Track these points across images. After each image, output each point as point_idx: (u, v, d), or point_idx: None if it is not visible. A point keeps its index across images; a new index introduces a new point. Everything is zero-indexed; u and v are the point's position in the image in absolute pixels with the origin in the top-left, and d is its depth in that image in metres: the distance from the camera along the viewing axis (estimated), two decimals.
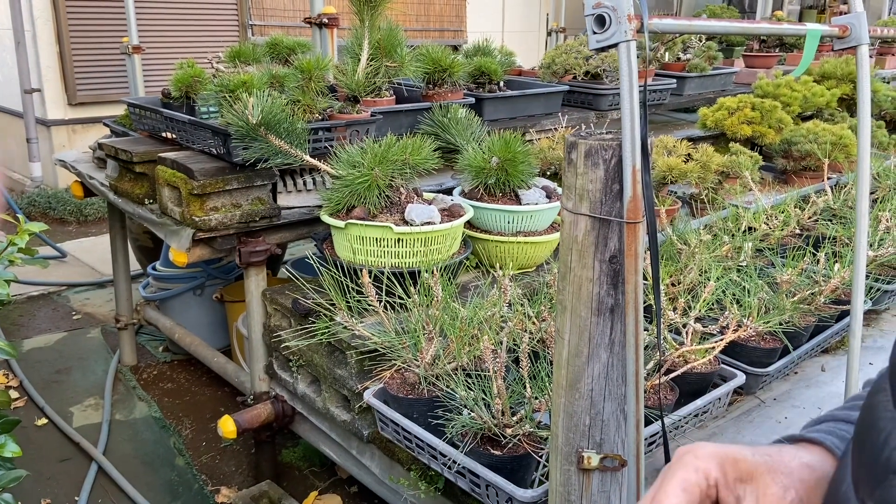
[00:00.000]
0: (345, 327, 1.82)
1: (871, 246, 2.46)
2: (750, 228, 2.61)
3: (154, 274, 3.46)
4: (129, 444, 2.95)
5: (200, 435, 3.00)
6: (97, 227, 5.75)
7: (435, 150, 2.21)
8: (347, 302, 1.75)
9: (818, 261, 2.25)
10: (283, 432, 2.62)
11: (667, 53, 4.03)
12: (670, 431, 1.77)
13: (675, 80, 3.86)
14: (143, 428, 3.06)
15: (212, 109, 2.43)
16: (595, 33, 1.10)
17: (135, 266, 3.82)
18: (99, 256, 4.91)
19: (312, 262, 1.99)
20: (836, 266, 2.25)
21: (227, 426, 2.32)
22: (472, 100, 2.93)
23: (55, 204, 5.88)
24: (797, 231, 2.68)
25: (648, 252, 1.22)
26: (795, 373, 2.29)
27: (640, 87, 1.09)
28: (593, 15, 1.10)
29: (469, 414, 1.47)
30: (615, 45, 1.09)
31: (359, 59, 2.44)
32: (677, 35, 3.81)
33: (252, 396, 2.49)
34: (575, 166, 1.17)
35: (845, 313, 2.29)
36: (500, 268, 1.88)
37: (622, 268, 1.18)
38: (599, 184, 1.16)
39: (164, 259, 3.46)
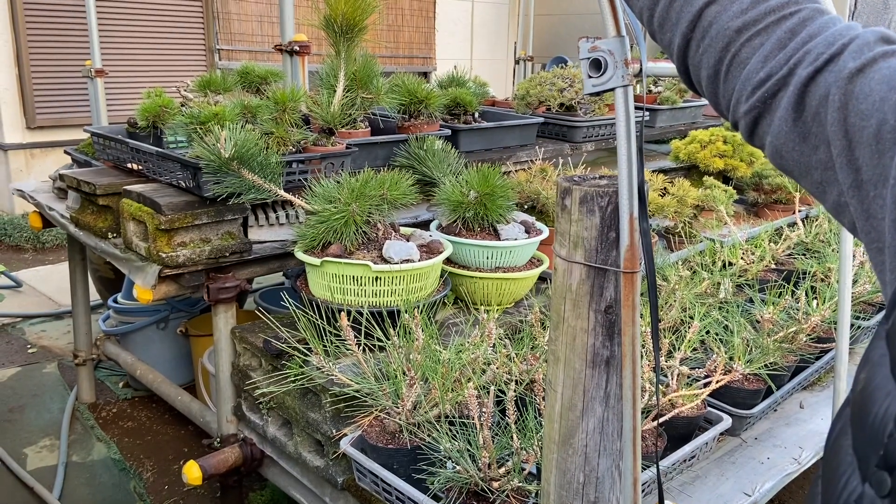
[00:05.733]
0: (320, 370, 1.74)
1: None
2: (728, 263, 2.60)
3: (115, 307, 3.32)
4: (87, 488, 2.80)
5: (162, 478, 2.85)
6: (55, 254, 5.55)
7: (412, 185, 2.15)
8: (325, 346, 1.67)
9: (797, 298, 2.25)
10: (251, 475, 2.50)
11: (639, 86, 4.06)
12: None
13: (647, 113, 3.89)
14: (101, 471, 2.90)
15: (180, 140, 2.34)
16: (591, 77, 1.06)
17: (94, 297, 3.67)
18: (56, 286, 4.72)
19: (286, 300, 1.91)
20: (816, 303, 2.25)
21: (193, 472, 2.20)
22: (448, 131, 2.89)
23: (11, 230, 5.67)
24: (773, 266, 2.68)
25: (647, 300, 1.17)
26: (775, 410, 2.26)
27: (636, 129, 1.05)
28: (589, 59, 1.06)
29: (454, 467, 1.40)
30: (612, 90, 1.05)
31: (334, 91, 2.38)
32: None
33: (219, 439, 2.37)
34: (569, 212, 1.13)
35: (825, 350, 2.28)
36: (484, 308, 1.83)
37: (618, 318, 1.13)
38: (595, 231, 1.11)
39: (126, 291, 3.32)
